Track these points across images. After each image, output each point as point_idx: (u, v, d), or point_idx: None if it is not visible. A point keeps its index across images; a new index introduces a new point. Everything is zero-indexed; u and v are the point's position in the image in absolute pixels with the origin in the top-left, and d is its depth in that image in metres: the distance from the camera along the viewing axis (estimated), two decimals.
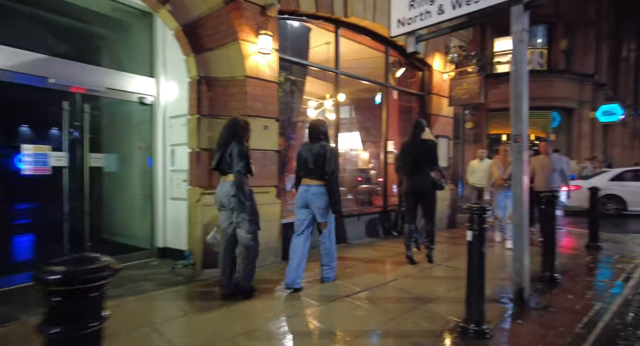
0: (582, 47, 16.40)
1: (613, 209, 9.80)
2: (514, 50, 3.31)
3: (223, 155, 3.33)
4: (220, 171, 3.43)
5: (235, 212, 3.27)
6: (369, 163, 8.94)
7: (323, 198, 3.63)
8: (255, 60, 4.38)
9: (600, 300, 3.44)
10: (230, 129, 3.37)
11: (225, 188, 3.32)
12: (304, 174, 3.72)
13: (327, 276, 3.89)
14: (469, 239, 2.73)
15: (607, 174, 10.38)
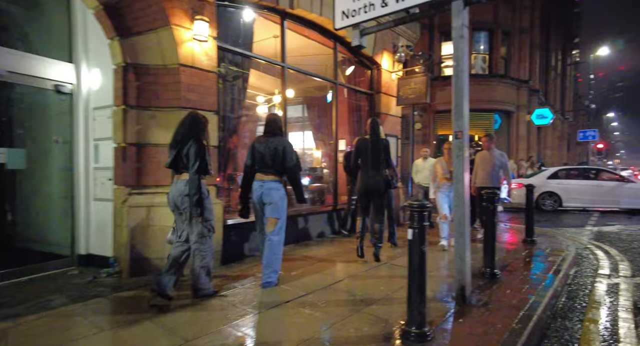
0: (518, 54, 17.59)
1: (550, 205, 10.53)
2: (455, 46, 3.29)
3: (179, 152, 3.16)
4: (174, 169, 3.25)
5: (187, 213, 3.14)
6: (322, 162, 8.82)
7: (278, 193, 3.59)
8: (190, 47, 4.02)
9: (534, 293, 3.53)
10: (190, 126, 3.22)
11: (179, 188, 3.17)
12: (259, 169, 3.65)
13: (269, 280, 3.63)
14: (409, 237, 2.62)
15: (545, 173, 11.18)
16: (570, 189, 10.46)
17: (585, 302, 3.65)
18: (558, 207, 10.54)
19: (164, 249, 3.93)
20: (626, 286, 4.08)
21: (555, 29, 24.78)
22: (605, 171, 11.39)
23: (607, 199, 10.20)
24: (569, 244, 5.81)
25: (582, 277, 4.47)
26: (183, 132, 3.21)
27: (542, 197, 10.57)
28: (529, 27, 18.04)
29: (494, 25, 16.61)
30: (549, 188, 10.58)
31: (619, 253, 5.59)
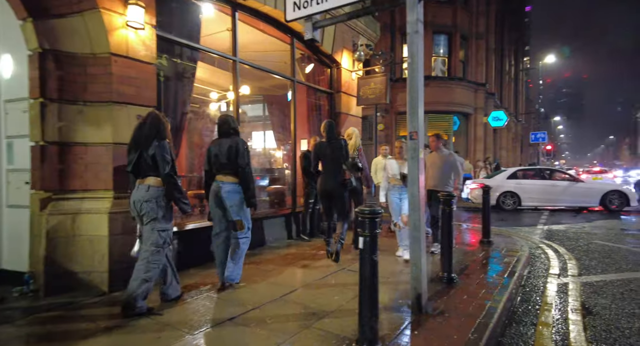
0: (475, 58, 18.21)
1: (510, 205, 10.87)
2: (409, 41, 3.13)
3: (141, 155, 3.00)
4: (135, 174, 3.07)
5: (146, 219, 2.99)
6: (283, 162, 8.51)
7: (237, 196, 3.52)
8: (124, 35, 3.59)
9: (491, 297, 3.46)
10: (152, 126, 3.05)
11: (140, 193, 3.00)
12: (217, 170, 3.59)
13: (233, 277, 3.62)
14: (360, 246, 2.40)
15: (504, 173, 11.53)
16: (528, 189, 10.83)
17: (538, 304, 3.63)
18: (517, 206, 10.90)
19: (92, 262, 3.48)
20: (574, 286, 4.13)
21: (508, 35, 26.03)
22: (558, 171, 11.92)
23: (561, 198, 10.68)
24: (523, 244, 5.91)
25: (535, 278, 4.50)
26: (146, 133, 3.02)
27: (504, 196, 10.89)
28: (484, 32, 18.75)
29: (452, 29, 17.07)
30: (509, 188, 10.90)
31: (567, 252, 5.76)
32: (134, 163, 3.03)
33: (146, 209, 2.97)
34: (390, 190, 4.80)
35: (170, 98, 4.37)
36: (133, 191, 3.07)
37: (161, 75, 4.23)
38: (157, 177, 3.02)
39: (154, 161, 2.97)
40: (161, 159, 2.97)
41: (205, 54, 5.32)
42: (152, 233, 2.99)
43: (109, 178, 3.58)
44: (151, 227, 2.99)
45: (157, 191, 3.01)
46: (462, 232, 7.11)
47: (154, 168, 2.99)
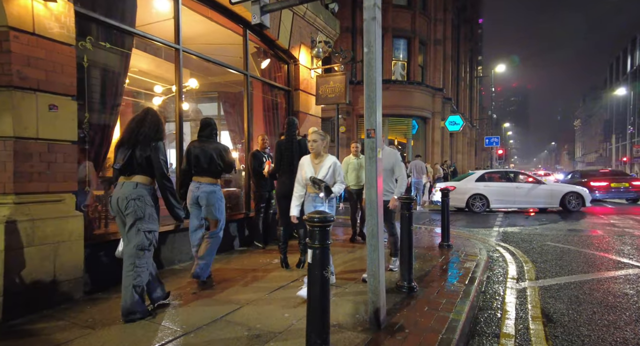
0: (433, 63, 18.65)
1: (479, 207, 10.98)
2: (366, 30, 2.82)
3: (133, 153, 2.84)
4: (121, 171, 2.87)
5: (130, 218, 2.81)
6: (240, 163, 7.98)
7: (215, 196, 3.71)
8: (27, 5, 2.97)
9: (452, 309, 3.22)
10: (152, 125, 2.91)
11: (126, 190, 2.81)
12: (196, 172, 3.73)
13: (200, 274, 3.62)
14: (309, 260, 2.03)
15: (473, 176, 11.62)
16: (495, 191, 11.00)
17: (499, 313, 3.46)
18: (486, 208, 11.04)
19: None
20: (532, 292, 4.03)
21: (464, 44, 27.12)
22: (522, 174, 12.21)
23: (526, 199, 10.95)
24: (481, 247, 5.85)
25: (495, 283, 4.37)
26: (145, 132, 2.88)
27: (473, 199, 10.99)
28: (442, 39, 19.28)
29: (411, 34, 17.34)
30: (478, 190, 11.00)
31: (523, 254, 5.77)
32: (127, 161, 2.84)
33: (132, 207, 2.79)
34: (306, 199, 3.75)
35: (97, 88, 3.76)
36: (116, 188, 2.87)
37: (85, 60, 3.62)
38: (146, 176, 2.88)
39: (147, 162, 2.84)
40: (157, 161, 2.85)
41: (144, 41, 4.74)
42: (137, 235, 2.81)
43: (9, 180, 2.94)
44: (137, 227, 2.81)
45: (146, 189, 2.87)
46: (421, 234, 6.99)
47: (145, 168, 2.86)
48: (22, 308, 2.90)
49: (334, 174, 3.64)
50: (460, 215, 10.52)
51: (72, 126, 3.30)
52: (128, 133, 2.90)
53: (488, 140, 16.29)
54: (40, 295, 3.02)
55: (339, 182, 3.66)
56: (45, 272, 3.04)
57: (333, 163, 3.64)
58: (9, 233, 2.84)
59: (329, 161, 3.65)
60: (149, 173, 2.89)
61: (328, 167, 3.61)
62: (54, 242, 3.10)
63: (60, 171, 3.20)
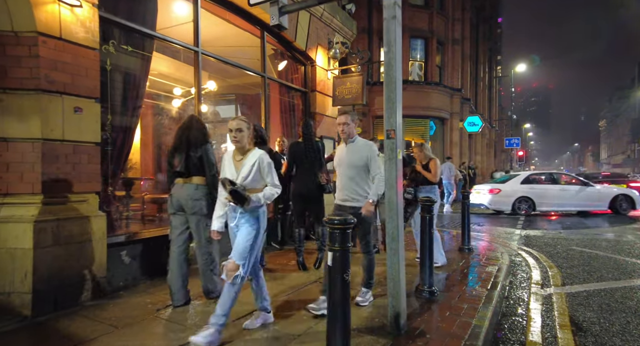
0: (451, 63, 18.35)
1: (525, 209, 10.67)
2: (386, 28, 2.78)
3: (188, 156, 3.13)
4: (180, 173, 3.17)
5: (196, 216, 3.13)
6: None
7: None
8: (55, 12, 3.06)
9: (475, 314, 3.13)
10: (199, 130, 3.22)
11: (188, 191, 3.11)
12: None
13: None
14: (329, 263, 2.00)
15: (517, 178, 11.27)
16: (541, 194, 10.68)
17: (524, 320, 3.34)
18: (532, 211, 10.73)
19: (12, 281, 2.90)
20: (559, 299, 3.88)
21: (482, 43, 26.61)
22: (566, 175, 11.84)
23: (573, 202, 10.60)
24: (503, 251, 5.68)
25: (518, 289, 4.23)
26: (196, 136, 3.18)
27: (519, 201, 10.68)
28: (460, 38, 18.95)
29: (429, 34, 17.12)
30: (524, 193, 10.70)
31: (547, 259, 5.57)
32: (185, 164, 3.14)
33: (197, 206, 3.10)
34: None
35: (119, 91, 3.84)
36: (175, 188, 3.17)
37: (108, 64, 3.70)
38: (202, 177, 3.15)
39: (200, 162, 3.11)
40: (208, 161, 3.13)
41: (164, 44, 4.82)
42: (205, 229, 3.12)
43: (37, 181, 3.03)
44: (204, 223, 3.13)
45: (205, 189, 3.15)
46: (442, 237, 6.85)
47: (199, 168, 3.13)
48: (49, 305, 2.97)
49: (261, 174, 2.67)
50: (508, 219, 10.28)
51: (95, 128, 3.38)
52: (179, 139, 3.19)
53: (508, 141, 15.90)
54: (66, 293, 3.09)
55: (270, 185, 2.70)
56: (70, 271, 3.11)
57: (258, 159, 2.65)
58: (37, 232, 2.92)
59: (254, 157, 2.66)
60: (204, 173, 3.17)
61: (251, 165, 2.63)
62: (79, 242, 3.17)
63: (84, 172, 3.28)
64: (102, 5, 3.50)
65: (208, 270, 3.25)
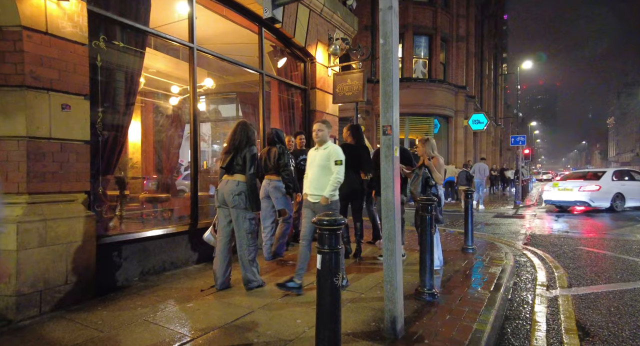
0: (455, 61, 18.12)
1: (620, 206, 10.77)
2: (382, 20, 2.65)
3: (235, 157, 3.51)
4: (226, 170, 3.55)
5: (236, 210, 3.44)
6: None
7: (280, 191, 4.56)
8: (40, 5, 2.97)
9: (476, 318, 3.00)
10: (243, 133, 3.56)
11: (230, 187, 3.46)
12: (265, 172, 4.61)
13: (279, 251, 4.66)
14: (318, 267, 1.88)
15: (607, 174, 11.26)
16: (630, 190, 10.88)
17: (528, 324, 3.20)
18: (623, 207, 10.83)
19: (6, 286, 2.82)
20: (565, 301, 3.73)
21: (487, 40, 26.28)
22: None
23: None
24: (507, 251, 5.52)
25: (522, 290, 4.09)
26: (240, 139, 3.53)
27: (616, 198, 10.73)
28: (465, 35, 18.70)
29: (433, 31, 16.92)
30: (619, 189, 10.81)
31: (553, 259, 5.41)
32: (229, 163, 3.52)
33: (237, 201, 3.41)
34: None
35: (111, 87, 3.75)
36: (221, 184, 3.53)
37: (98, 60, 3.61)
38: (243, 175, 3.47)
39: (244, 162, 3.46)
40: (249, 161, 3.45)
41: (161, 42, 4.74)
42: (244, 222, 3.45)
43: (22, 180, 2.94)
44: (243, 216, 3.44)
45: (245, 185, 3.47)
46: (444, 237, 6.69)
47: (242, 167, 3.47)
48: (34, 308, 2.89)
49: None
50: (604, 216, 10.10)
51: (84, 126, 3.29)
52: (228, 142, 3.60)
53: (514, 139, 15.61)
54: (53, 295, 3.01)
55: None
56: (57, 273, 3.03)
57: None
58: (22, 233, 2.83)
59: None
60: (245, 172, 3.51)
61: None
62: (66, 242, 3.08)
63: (72, 171, 3.19)
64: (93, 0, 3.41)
65: (247, 260, 3.51)
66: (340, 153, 3.50)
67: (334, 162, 3.45)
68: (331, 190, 3.44)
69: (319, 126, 3.58)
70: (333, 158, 3.46)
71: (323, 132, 3.57)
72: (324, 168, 3.48)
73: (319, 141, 3.59)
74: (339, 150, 3.52)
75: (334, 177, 3.44)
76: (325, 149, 3.53)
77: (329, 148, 3.52)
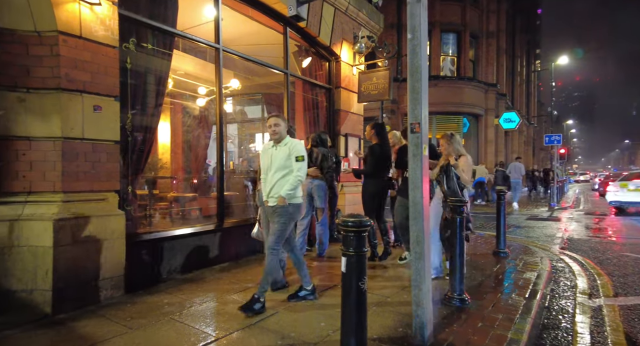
0: (485, 57, 17.50)
1: None
2: (410, 13, 2.54)
3: None
4: None
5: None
6: None
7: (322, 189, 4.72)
8: (75, 10, 3.07)
9: (511, 326, 2.83)
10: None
11: None
12: None
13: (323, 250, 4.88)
14: (342, 270, 1.81)
15: None
16: None
17: (569, 335, 2.98)
18: None
19: (34, 279, 2.93)
20: (610, 312, 3.46)
21: (519, 35, 25.26)
22: None
23: None
24: (543, 255, 5.23)
25: (561, 298, 3.84)
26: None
27: None
28: (495, 31, 18.05)
29: (461, 27, 16.43)
30: None
31: (595, 265, 5.07)
32: None
33: None
34: None
35: (139, 89, 3.84)
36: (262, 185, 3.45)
37: (128, 62, 3.70)
38: None
39: None
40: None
41: (188, 43, 4.83)
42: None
43: (58, 179, 3.05)
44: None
45: None
46: (474, 240, 6.43)
47: None
48: (68, 303, 2.98)
49: None
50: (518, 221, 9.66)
51: (114, 126, 3.38)
52: None
53: (548, 139, 14.84)
54: (85, 291, 3.10)
55: None
56: (89, 269, 3.12)
57: None
58: (57, 230, 2.94)
59: None
60: None
61: None
62: (98, 240, 3.17)
63: (103, 170, 3.28)
64: (122, 3, 3.50)
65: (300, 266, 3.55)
66: (302, 149, 3.16)
67: (294, 158, 3.10)
68: (290, 188, 3.07)
69: (275, 120, 3.15)
70: (294, 154, 3.11)
71: (280, 126, 3.16)
72: (285, 168, 3.13)
73: (276, 137, 3.17)
74: (300, 145, 3.19)
75: (295, 174, 3.09)
76: (285, 146, 3.16)
77: (289, 144, 3.16)
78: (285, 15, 5.33)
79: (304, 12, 3.32)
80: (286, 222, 3.13)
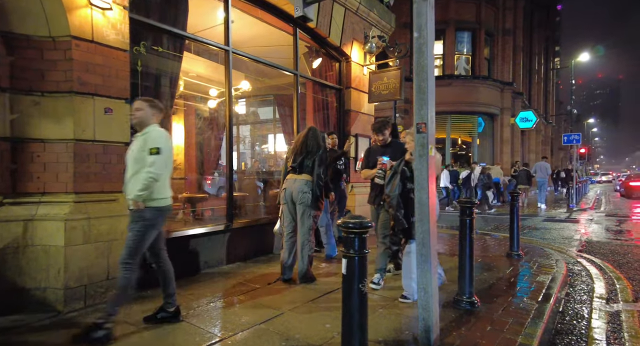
0: (501, 55, 17.16)
1: None
2: (416, 12, 2.51)
3: (305, 158, 3.79)
4: (294, 170, 3.82)
5: (303, 207, 3.73)
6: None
7: None
8: (87, 15, 3.14)
9: (521, 331, 2.75)
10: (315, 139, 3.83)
11: (299, 185, 3.75)
12: None
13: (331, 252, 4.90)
14: (343, 272, 1.80)
15: None
16: None
17: (584, 341, 2.88)
18: None
19: (47, 277, 3.02)
20: (629, 317, 3.33)
21: (537, 32, 24.67)
22: None
23: None
24: (558, 258, 5.08)
25: (576, 303, 3.72)
26: (311, 144, 3.80)
27: None
28: (512, 28, 17.68)
29: (476, 26, 16.16)
30: None
31: (615, 269, 4.89)
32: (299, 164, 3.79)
33: (305, 198, 3.70)
34: None
35: (150, 91, 3.91)
36: (288, 182, 3.81)
37: (139, 65, 3.77)
38: (310, 175, 3.76)
39: (312, 164, 3.76)
40: (317, 165, 3.75)
41: (199, 46, 4.88)
42: (307, 219, 3.73)
43: (70, 180, 3.13)
44: (308, 213, 3.72)
45: (311, 185, 3.76)
46: (487, 242, 6.31)
47: (311, 169, 3.76)
48: (79, 301, 3.06)
49: None
50: (531, 222, 9.42)
51: (125, 128, 3.44)
52: (299, 145, 3.84)
53: (567, 138, 14.43)
54: (95, 289, 3.17)
55: None
56: (99, 268, 3.19)
57: None
58: (69, 230, 3.01)
59: None
60: (312, 172, 3.78)
61: None
62: (108, 240, 3.24)
63: (114, 171, 3.35)
64: (133, 7, 3.57)
65: (307, 255, 3.77)
66: (159, 140, 2.58)
67: (148, 150, 2.54)
68: (140, 188, 2.51)
69: (139, 104, 2.68)
70: (149, 145, 2.55)
71: (142, 111, 2.65)
72: (137, 162, 2.58)
73: (136, 122, 2.68)
74: (159, 136, 2.62)
75: (147, 170, 2.51)
76: (143, 135, 2.63)
77: (147, 134, 2.61)
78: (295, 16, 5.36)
79: (311, 13, 3.32)
80: (141, 229, 2.56)
